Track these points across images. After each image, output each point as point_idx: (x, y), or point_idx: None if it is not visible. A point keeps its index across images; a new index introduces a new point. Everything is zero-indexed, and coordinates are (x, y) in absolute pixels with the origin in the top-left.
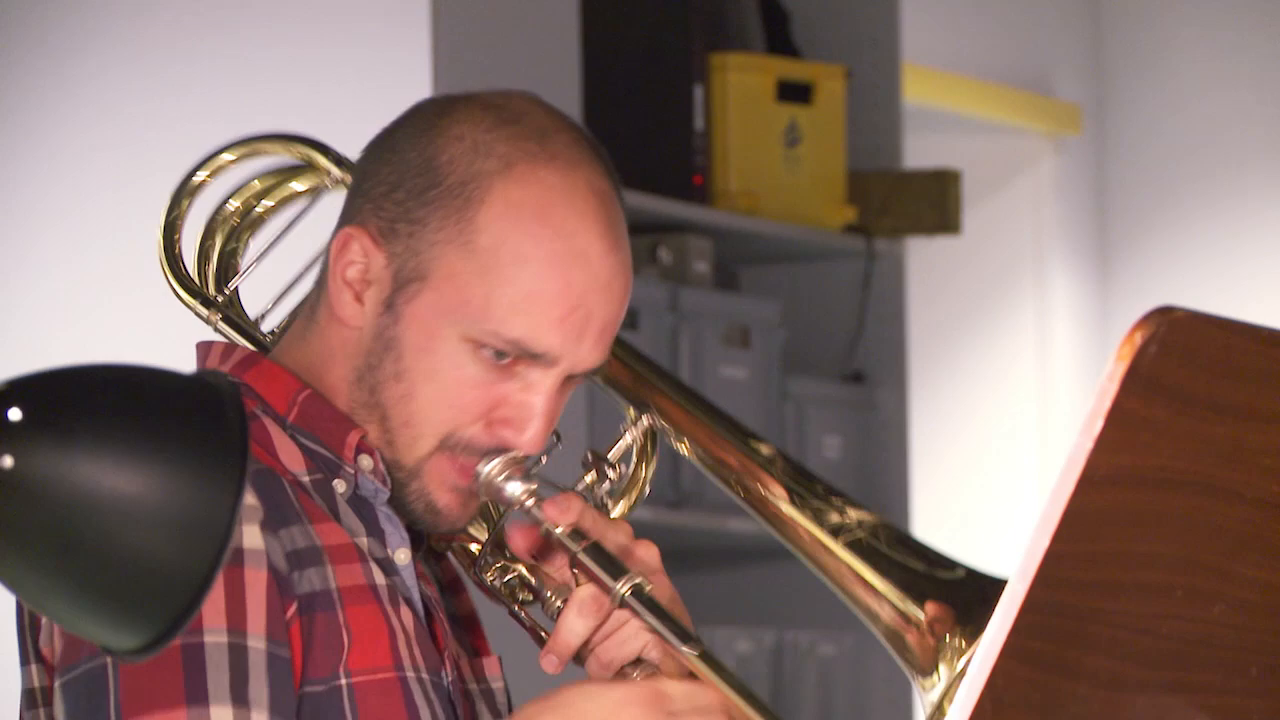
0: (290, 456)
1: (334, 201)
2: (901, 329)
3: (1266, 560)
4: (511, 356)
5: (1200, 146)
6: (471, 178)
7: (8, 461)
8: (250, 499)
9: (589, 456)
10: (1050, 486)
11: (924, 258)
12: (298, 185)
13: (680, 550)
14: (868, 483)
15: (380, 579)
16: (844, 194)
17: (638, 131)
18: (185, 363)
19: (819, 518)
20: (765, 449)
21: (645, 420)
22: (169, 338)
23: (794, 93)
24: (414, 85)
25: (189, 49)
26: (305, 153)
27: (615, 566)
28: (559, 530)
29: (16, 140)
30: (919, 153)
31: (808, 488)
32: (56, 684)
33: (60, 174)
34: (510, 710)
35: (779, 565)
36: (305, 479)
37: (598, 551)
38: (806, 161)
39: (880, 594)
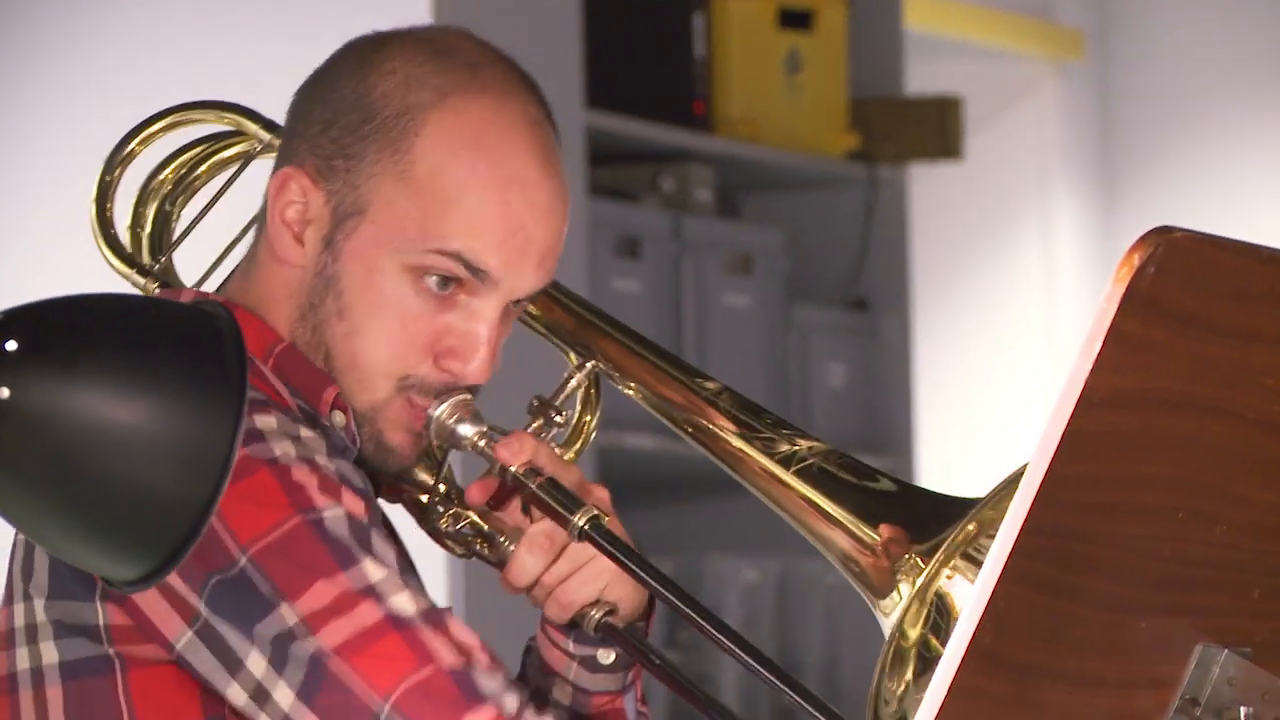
0: (286, 401)
1: (265, 166)
2: (905, 256)
3: (1268, 482)
4: (453, 285)
5: (1203, 70)
6: (406, 110)
7: (5, 393)
8: (310, 431)
9: (534, 403)
10: (1052, 409)
11: (927, 184)
12: (228, 152)
13: (684, 480)
14: (872, 410)
15: None
16: (846, 121)
17: (638, 60)
18: None
19: (768, 448)
20: (711, 384)
21: (589, 365)
22: None
23: (794, 19)
24: (415, 16)
25: None
26: (235, 119)
27: (572, 500)
28: (513, 469)
29: (4, 78)
30: (921, 79)
31: (756, 420)
32: (202, 606)
33: (50, 110)
34: None
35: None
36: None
37: (554, 487)
38: (808, 89)
39: (834, 519)
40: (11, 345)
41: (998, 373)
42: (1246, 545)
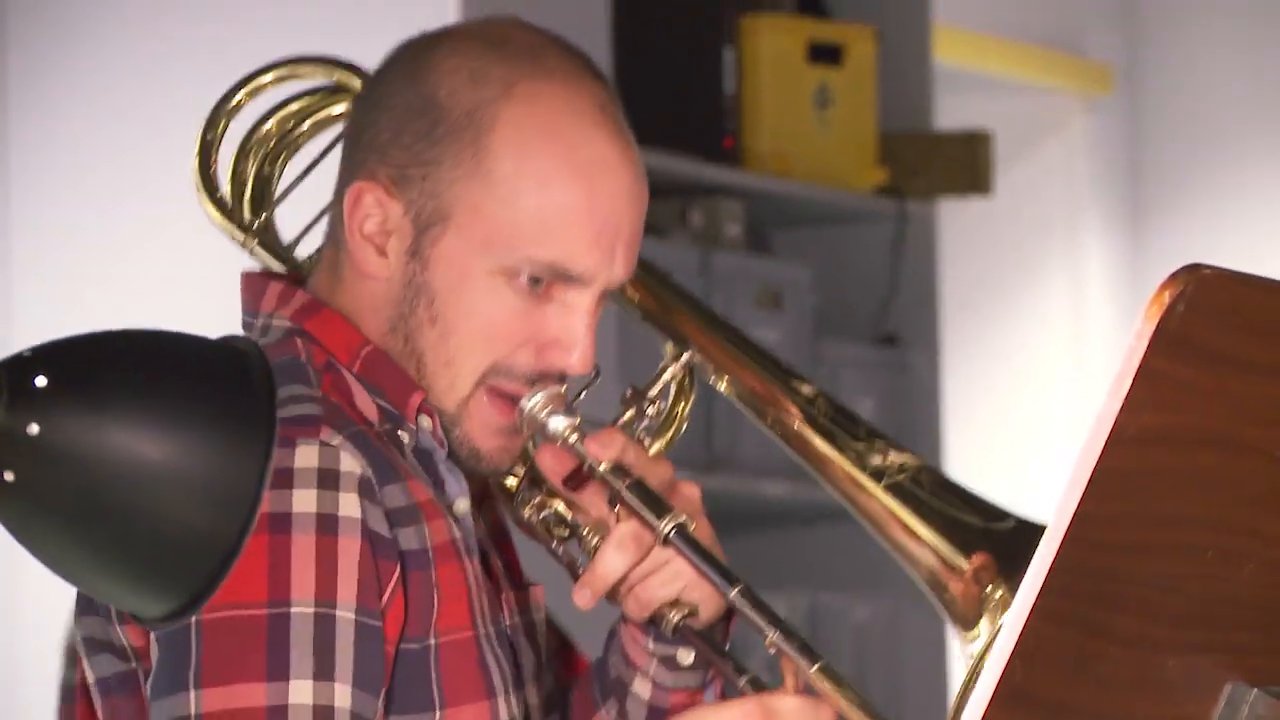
0: (366, 406)
1: None
2: (934, 291)
3: None
4: (546, 281)
5: (1233, 105)
6: (475, 106)
7: (34, 429)
8: (354, 464)
9: (628, 393)
10: (1081, 447)
11: (956, 219)
12: (333, 110)
13: (713, 513)
14: (900, 444)
15: (457, 532)
16: (875, 156)
17: (668, 94)
18: (219, 309)
19: (860, 460)
20: (807, 388)
21: (685, 356)
22: (198, 287)
23: (824, 54)
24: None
25: None
26: (342, 76)
27: (659, 504)
28: (602, 466)
29: (46, 83)
30: (950, 114)
31: (850, 429)
32: (153, 636)
33: (85, 123)
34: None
35: (813, 528)
36: (378, 430)
37: (641, 489)
38: (837, 123)
39: (923, 540)
40: (41, 381)
41: (1026, 408)
42: (1276, 583)
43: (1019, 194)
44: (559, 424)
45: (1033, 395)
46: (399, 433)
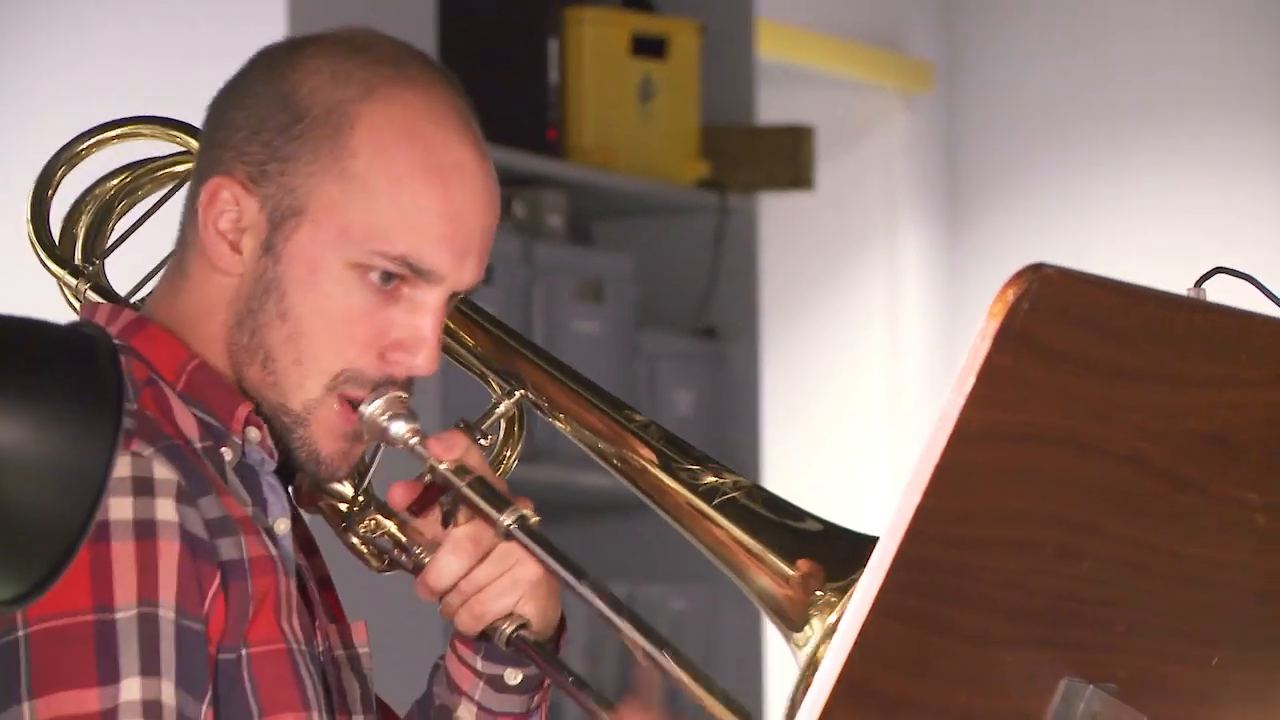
0: (185, 422)
1: None
2: (754, 284)
3: (1135, 517)
4: (397, 279)
5: (1050, 105)
6: (336, 105)
7: None
8: (167, 472)
9: (460, 424)
10: (921, 441)
11: (777, 213)
12: (176, 168)
13: (533, 503)
14: (719, 437)
15: (273, 550)
16: (697, 149)
17: (492, 85)
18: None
19: (692, 483)
20: (638, 418)
21: (518, 394)
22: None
23: (648, 47)
24: (269, 34)
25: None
26: (184, 139)
27: (500, 500)
28: (443, 466)
29: None
30: (772, 108)
31: (681, 454)
32: None
33: None
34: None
35: (630, 519)
36: (197, 445)
37: (483, 485)
38: (660, 116)
39: (753, 554)
40: None
41: (844, 402)
42: (1113, 580)
43: (839, 189)
44: (400, 428)
45: (849, 388)
46: (221, 449)
